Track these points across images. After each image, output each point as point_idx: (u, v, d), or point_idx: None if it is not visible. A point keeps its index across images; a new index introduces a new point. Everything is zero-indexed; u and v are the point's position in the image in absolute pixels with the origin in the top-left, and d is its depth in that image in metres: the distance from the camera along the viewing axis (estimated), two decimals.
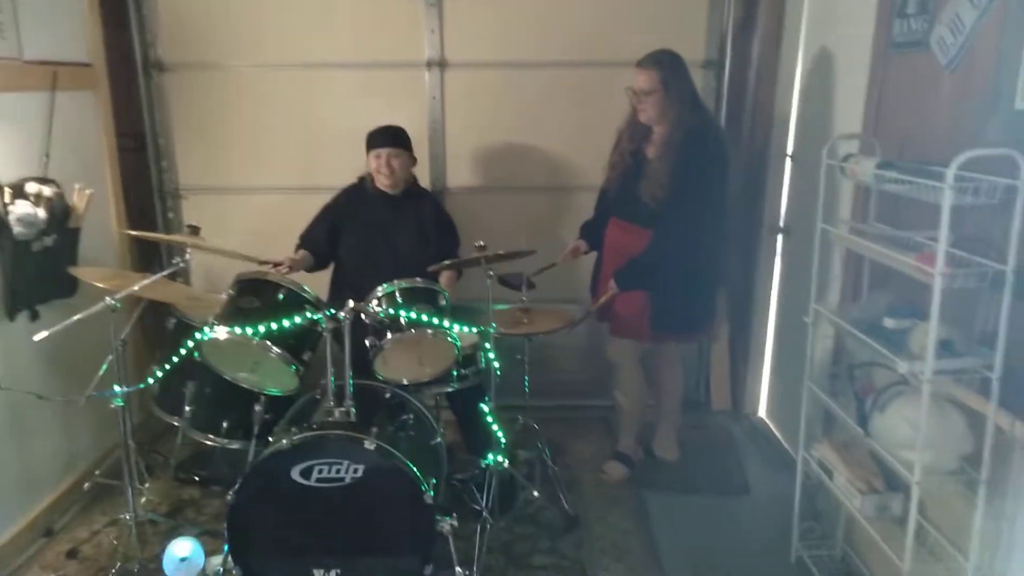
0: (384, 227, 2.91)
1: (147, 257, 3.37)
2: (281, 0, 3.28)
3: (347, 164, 3.22)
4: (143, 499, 2.63)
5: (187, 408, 2.58)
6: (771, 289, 3.43)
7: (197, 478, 2.90)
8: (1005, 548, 1.75)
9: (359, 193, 2.99)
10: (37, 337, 2.07)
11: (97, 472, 2.73)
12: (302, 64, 3.34)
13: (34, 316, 2.56)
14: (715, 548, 2.64)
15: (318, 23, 3.30)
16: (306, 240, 2.97)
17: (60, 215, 2.59)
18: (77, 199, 2.66)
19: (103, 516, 2.73)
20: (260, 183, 3.46)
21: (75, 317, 2.16)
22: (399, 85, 3.37)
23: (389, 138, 2.89)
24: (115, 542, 2.48)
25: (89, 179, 2.77)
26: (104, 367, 2.36)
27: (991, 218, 1.72)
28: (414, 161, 2.99)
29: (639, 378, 3.01)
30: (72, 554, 2.49)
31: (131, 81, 3.30)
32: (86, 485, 2.68)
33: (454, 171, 3.48)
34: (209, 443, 2.62)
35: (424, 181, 3.22)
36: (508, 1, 3.29)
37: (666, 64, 2.60)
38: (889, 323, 1.95)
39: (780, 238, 3.31)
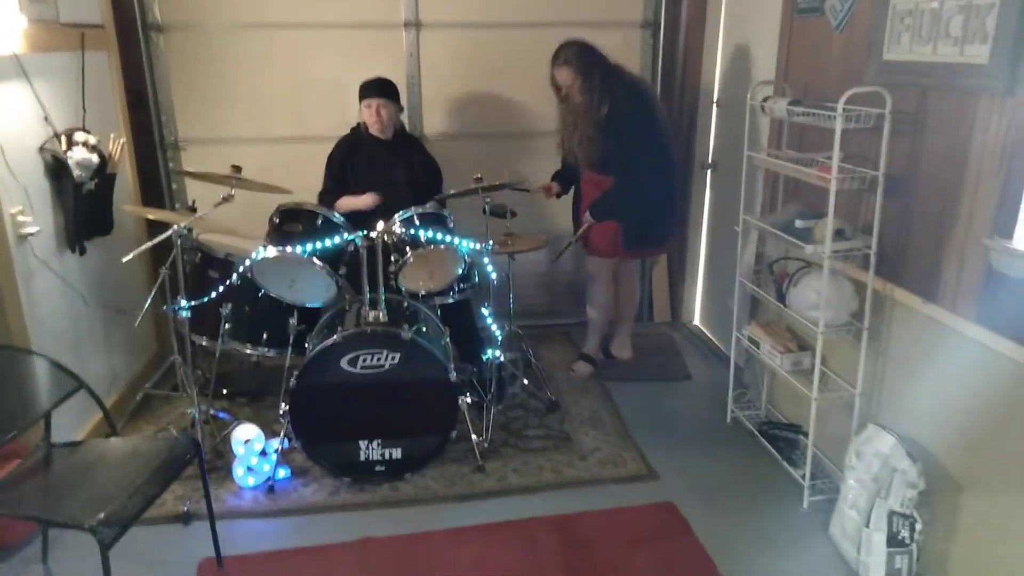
0: (382, 167, 3.35)
1: (155, 199, 3.73)
2: None
3: (332, 115, 3.67)
4: (188, 408, 3.05)
5: (226, 326, 3.00)
6: (702, 216, 4.10)
7: (225, 391, 3.35)
8: (880, 376, 2.46)
9: (356, 139, 3.42)
10: (126, 258, 2.47)
11: (148, 384, 3.13)
12: (290, 24, 3.70)
13: (82, 251, 2.92)
14: (668, 416, 3.32)
15: None
16: (332, 193, 3.32)
17: (101, 161, 2.93)
18: (113, 147, 3.00)
19: (148, 426, 3.14)
20: (252, 134, 3.82)
21: (147, 244, 2.57)
22: (378, 43, 3.79)
23: (379, 89, 3.29)
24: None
25: (108, 131, 3.11)
26: (156, 285, 2.77)
27: (868, 138, 2.38)
28: (401, 109, 3.43)
29: (611, 291, 3.58)
30: None
31: (131, 41, 3.57)
32: (138, 396, 3.09)
33: (429, 119, 3.94)
34: (248, 352, 3.05)
35: None
36: None
37: (572, 57, 3.13)
38: (799, 223, 2.60)
39: (709, 172, 3.96)
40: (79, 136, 2.81)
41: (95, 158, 2.79)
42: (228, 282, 2.84)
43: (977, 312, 2.00)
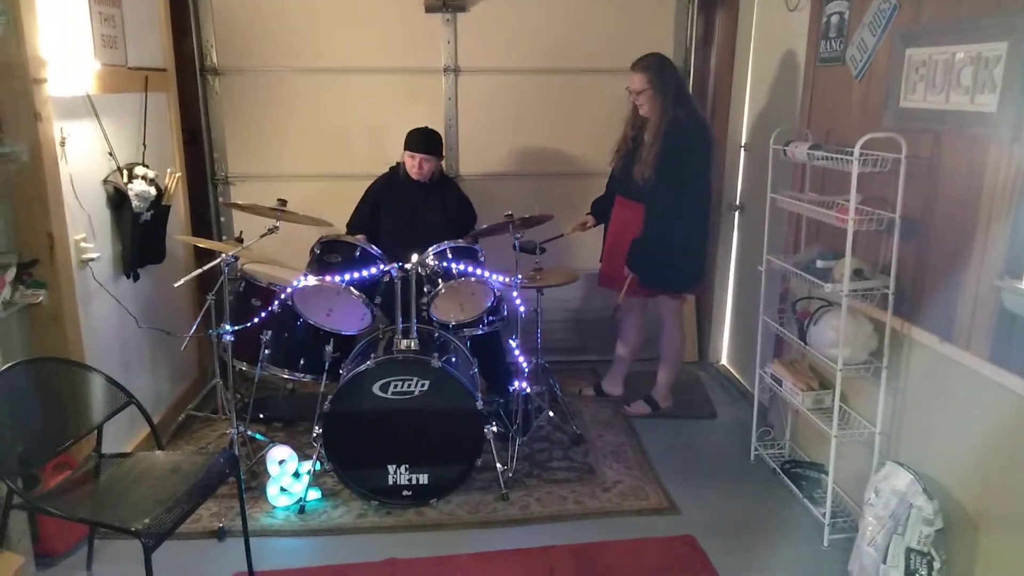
0: (416, 207, 3.50)
1: (204, 230, 3.94)
2: (319, 13, 3.86)
3: (373, 155, 3.86)
4: (228, 430, 3.19)
5: (265, 351, 3.14)
6: (730, 257, 4.17)
7: (262, 416, 3.48)
8: (899, 414, 2.49)
9: (394, 179, 3.58)
10: (177, 284, 2.65)
11: (190, 406, 3.28)
12: (336, 69, 3.93)
13: (136, 277, 3.11)
14: (691, 453, 3.35)
15: (351, 34, 3.89)
16: (356, 225, 3.51)
17: (157, 194, 3.14)
18: (169, 181, 3.21)
19: (188, 446, 3.28)
20: (297, 171, 4.03)
21: (198, 271, 2.75)
22: (419, 87, 4.00)
23: (424, 144, 3.40)
24: None
25: (165, 166, 3.33)
26: (203, 311, 2.93)
27: (885, 182, 2.45)
28: (441, 159, 3.59)
29: (641, 330, 3.66)
30: None
31: (189, 83, 3.83)
32: (181, 416, 3.24)
33: (465, 160, 4.12)
34: (286, 377, 3.19)
35: None
36: (511, 19, 3.95)
37: (652, 67, 3.21)
38: (820, 263, 2.66)
39: (737, 214, 4.05)
40: (139, 170, 3.02)
41: (152, 191, 3.00)
42: (270, 309, 2.99)
43: (991, 351, 2.04)
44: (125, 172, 2.96)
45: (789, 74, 3.37)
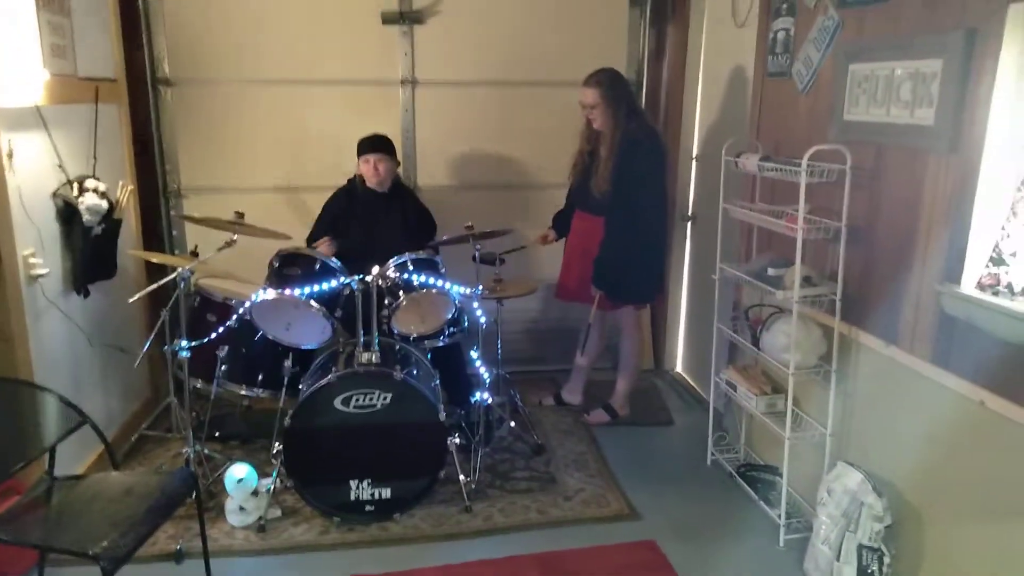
0: (376, 219, 3.50)
1: (155, 244, 3.86)
2: (274, 24, 3.82)
3: (329, 167, 3.84)
4: (184, 449, 3.12)
5: (222, 368, 3.09)
6: (683, 266, 4.26)
7: (217, 434, 3.41)
8: (848, 416, 2.58)
9: (352, 191, 3.58)
10: (132, 299, 2.60)
11: (143, 425, 3.20)
12: (292, 80, 3.90)
13: (87, 293, 3.03)
14: (650, 459, 3.41)
15: (307, 45, 3.87)
16: (314, 238, 3.50)
17: (109, 207, 3.07)
18: (120, 194, 3.15)
19: (142, 467, 3.19)
20: (252, 183, 3.98)
21: (153, 286, 2.69)
22: (376, 99, 3.99)
23: (377, 145, 3.47)
24: None
25: (116, 179, 3.26)
26: (157, 327, 2.87)
27: (831, 191, 2.55)
28: (397, 164, 3.61)
29: (601, 340, 3.73)
30: None
31: (140, 94, 3.75)
32: (133, 437, 3.16)
33: (423, 171, 4.13)
34: (243, 394, 3.14)
35: None
36: (468, 31, 3.98)
37: (604, 81, 3.28)
38: (771, 271, 2.75)
39: (689, 224, 4.14)
40: (90, 183, 2.95)
41: (104, 204, 2.93)
42: (227, 324, 2.95)
43: (933, 353, 2.14)
44: (76, 185, 2.89)
45: (738, 87, 3.48)
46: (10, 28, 2.52)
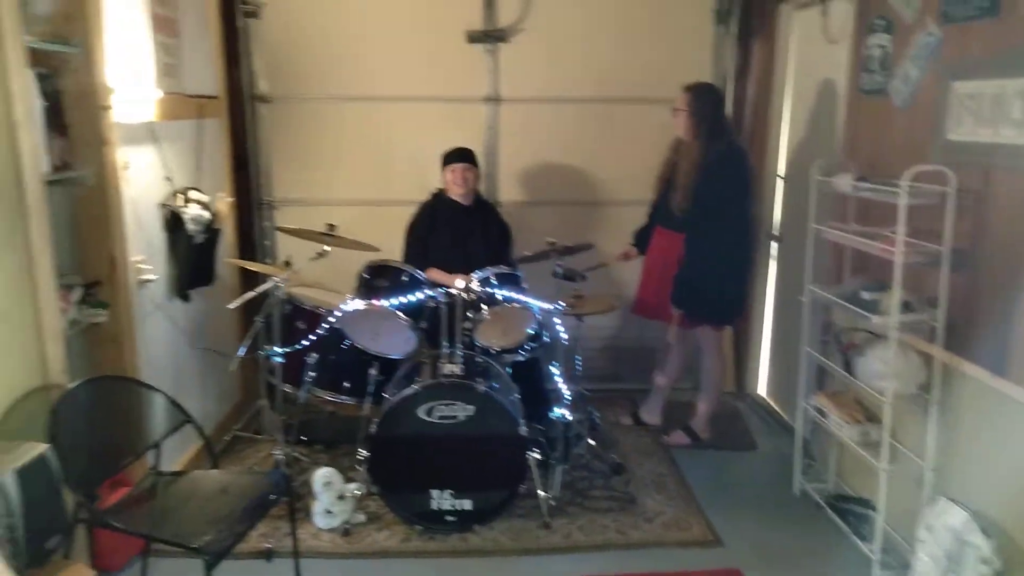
0: (460, 232, 3.56)
1: (249, 253, 4.03)
2: (363, 44, 3.96)
3: (414, 182, 3.92)
4: (274, 450, 3.22)
5: (310, 374, 3.20)
6: (767, 287, 4.16)
7: (304, 438, 3.52)
8: (951, 449, 2.46)
9: (436, 205, 3.65)
10: (232, 305, 2.72)
11: (236, 426, 3.33)
12: (379, 97, 4.02)
13: (187, 299, 3.18)
14: (733, 485, 3.33)
15: (394, 64, 3.99)
16: (411, 257, 3.46)
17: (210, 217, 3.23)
18: (220, 205, 3.30)
19: (234, 467, 3.31)
20: (339, 196, 4.11)
21: (252, 292, 2.81)
22: (460, 116, 4.07)
23: (463, 156, 3.53)
24: None
25: (216, 190, 3.42)
26: (251, 332, 2.99)
27: (932, 214, 2.45)
28: (480, 175, 3.66)
29: (682, 360, 3.68)
30: None
31: (238, 110, 3.94)
32: (227, 436, 3.29)
33: (505, 187, 4.18)
34: (329, 399, 3.23)
35: None
36: (551, 49, 4.02)
37: (696, 92, 3.28)
38: (865, 295, 2.66)
39: (775, 244, 4.05)
40: (194, 194, 3.12)
41: (206, 214, 3.08)
42: (318, 331, 3.05)
43: None
44: (181, 196, 3.05)
45: (827, 105, 3.39)
46: (128, 48, 2.69)
